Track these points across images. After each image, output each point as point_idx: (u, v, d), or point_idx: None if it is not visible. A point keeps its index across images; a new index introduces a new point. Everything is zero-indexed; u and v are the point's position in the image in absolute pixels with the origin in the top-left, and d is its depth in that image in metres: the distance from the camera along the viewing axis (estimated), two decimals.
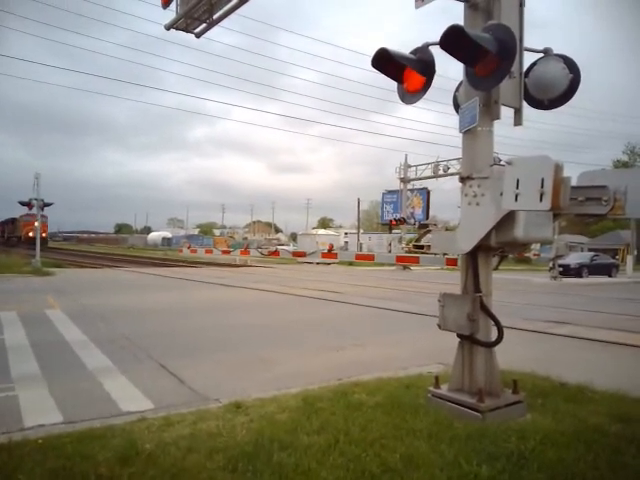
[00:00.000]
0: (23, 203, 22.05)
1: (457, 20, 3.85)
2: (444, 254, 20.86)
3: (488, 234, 3.78)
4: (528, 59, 4.13)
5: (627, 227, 41.72)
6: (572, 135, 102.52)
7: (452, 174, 29.01)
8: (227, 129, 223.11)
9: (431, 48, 4.17)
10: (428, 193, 34.31)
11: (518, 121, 4.12)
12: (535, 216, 3.69)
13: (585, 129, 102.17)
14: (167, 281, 18.47)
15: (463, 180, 3.99)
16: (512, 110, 4.09)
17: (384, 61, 4.12)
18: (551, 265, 23.36)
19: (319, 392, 4.52)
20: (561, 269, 23.95)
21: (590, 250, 38.90)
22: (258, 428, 3.59)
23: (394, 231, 38.55)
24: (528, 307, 12.55)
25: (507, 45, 3.49)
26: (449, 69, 5.06)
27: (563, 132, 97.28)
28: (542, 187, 3.25)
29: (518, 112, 4.09)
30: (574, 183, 3.56)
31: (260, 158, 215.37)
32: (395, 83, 4.45)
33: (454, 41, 3.48)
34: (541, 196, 3.26)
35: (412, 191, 34.45)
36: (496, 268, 4.39)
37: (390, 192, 36.68)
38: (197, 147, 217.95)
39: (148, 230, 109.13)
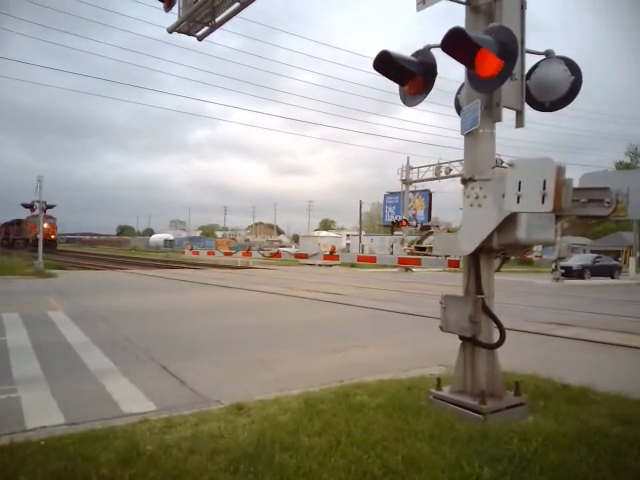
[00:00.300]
0: (26, 205, 22.12)
1: (458, 23, 3.87)
2: (446, 256, 20.89)
3: (490, 236, 3.78)
4: (530, 61, 4.14)
5: (630, 229, 41.71)
6: (574, 137, 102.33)
7: (454, 176, 28.91)
8: (227, 131, 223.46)
9: (432, 50, 4.18)
10: (430, 195, 34.31)
11: (520, 123, 4.12)
12: (537, 218, 3.68)
13: (587, 131, 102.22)
14: (169, 283, 18.49)
15: (465, 182, 3.99)
16: (514, 112, 4.10)
17: (385, 63, 4.12)
18: (553, 267, 23.31)
19: (320, 394, 4.51)
20: (563, 271, 23.87)
21: (592, 252, 38.83)
22: (260, 429, 3.59)
23: (396, 233, 38.52)
24: (530, 309, 12.54)
25: (509, 47, 3.49)
26: (450, 71, 5.07)
27: (565, 134, 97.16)
28: (544, 189, 3.26)
29: (520, 114, 4.10)
30: (576, 185, 3.55)
31: (261, 160, 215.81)
32: (396, 85, 4.45)
33: (455, 43, 3.49)
34: (543, 198, 3.26)
35: (414, 193, 34.46)
36: (498, 270, 4.38)
37: (392, 194, 36.69)
38: (197, 149, 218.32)
39: (150, 232, 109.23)
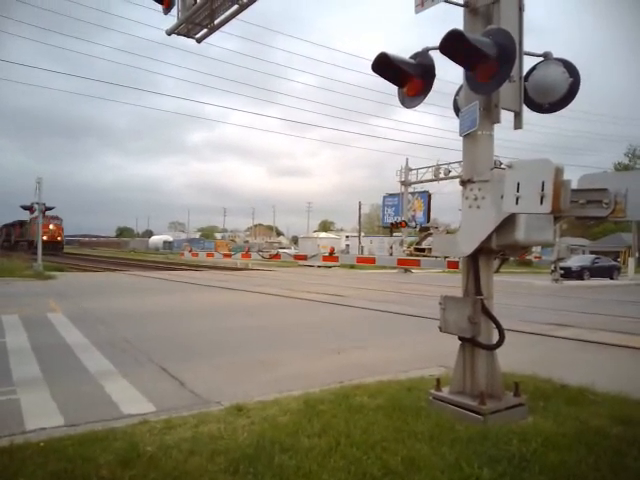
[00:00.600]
0: (25, 207, 22.11)
1: (457, 25, 3.88)
2: (445, 257, 20.88)
3: (489, 237, 3.79)
4: (528, 63, 4.16)
5: (628, 229, 41.72)
6: (572, 138, 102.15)
7: (453, 177, 28.94)
8: (226, 133, 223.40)
9: (431, 52, 4.19)
10: (429, 196, 34.29)
11: (518, 124, 4.14)
12: (536, 219, 3.69)
13: (585, 132, 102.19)
14: (168, 284, 18.48)
15: (464, 183, 4.01)
16: (512, 114, 4.11)
17: (384, 65, 4.13)
18: (552, 268, 23.30)
19: (320, 395, 4.52)
20: (562, 272, 23.87)
21: (591, 253, 38.84)
22: (259, 430, 3.59)
23: (395, 234, 38.56)
24: (529, 309, 12.55)
25: (507, 49, 3.50)
26: (449, 73, 5.09)
27: (563, 135, 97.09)
28: (543, 190, 3.27)
29: (518, 116, 4.11)
30: (575, 186, 3.56)
31: (260, 162, 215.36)
32: (395, 87, 4.46)
33: (454, 45, 3.50)
34: (542, 199, 3.27)
35: (413, 194, 34.45)
36: (497, 271, 4.39)
37: (391, 195, 36.67)
38: (196, 151, 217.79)
39: (150, 234, 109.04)
